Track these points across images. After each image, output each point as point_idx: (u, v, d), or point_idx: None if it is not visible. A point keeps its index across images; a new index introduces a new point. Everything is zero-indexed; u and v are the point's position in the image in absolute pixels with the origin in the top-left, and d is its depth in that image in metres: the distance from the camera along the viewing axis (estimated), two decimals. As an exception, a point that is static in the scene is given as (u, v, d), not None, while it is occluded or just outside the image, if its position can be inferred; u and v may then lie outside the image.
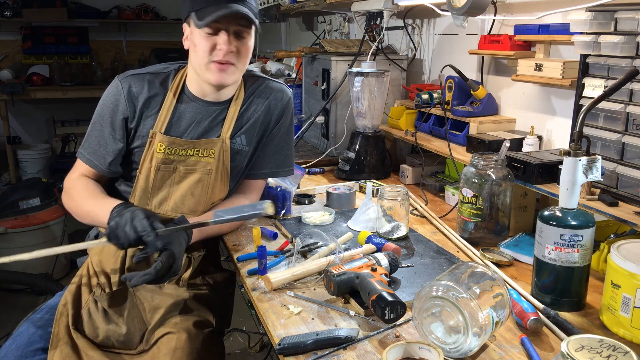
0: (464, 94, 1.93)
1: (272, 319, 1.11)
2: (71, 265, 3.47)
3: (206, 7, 1.33)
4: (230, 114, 1.49)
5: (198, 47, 1.37)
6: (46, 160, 5.20)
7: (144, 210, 1.24)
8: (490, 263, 1.33)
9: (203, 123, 1.47)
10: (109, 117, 1.45)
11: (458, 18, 1.65)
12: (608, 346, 0.86)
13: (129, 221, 1.21)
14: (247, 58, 1.43)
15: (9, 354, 1.32)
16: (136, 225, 1.20)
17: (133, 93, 1.44)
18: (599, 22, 1.37)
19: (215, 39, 1.36)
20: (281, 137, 1.58)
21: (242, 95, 1.52)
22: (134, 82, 1.45)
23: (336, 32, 3.28)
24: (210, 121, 1.48)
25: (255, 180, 1.59)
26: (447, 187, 1.87)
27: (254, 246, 1.44)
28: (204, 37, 1.36)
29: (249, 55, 1.44)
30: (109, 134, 1.45)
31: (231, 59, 1.38)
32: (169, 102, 1.45)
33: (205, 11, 1.32)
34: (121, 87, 1.44)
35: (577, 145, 1.11)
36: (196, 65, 1.41)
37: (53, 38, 5.57)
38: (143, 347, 1.35)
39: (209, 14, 1.31)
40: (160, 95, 1.46)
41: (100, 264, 1.47)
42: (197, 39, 1.37)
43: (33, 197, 3.27)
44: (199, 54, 1.38)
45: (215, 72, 1.39)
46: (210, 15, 1.31)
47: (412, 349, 0.97)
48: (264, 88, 1.55)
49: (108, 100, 1.46)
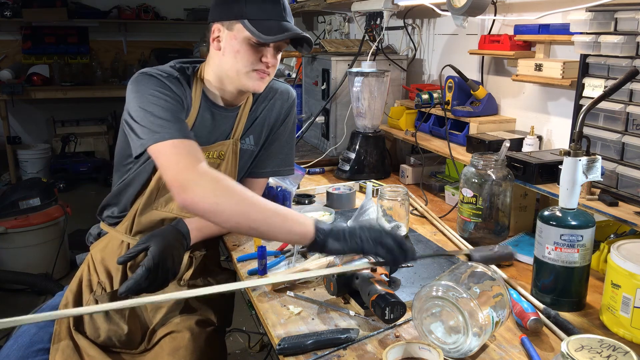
0: (464, 94, 1.93)
1: (272, 319, 1.11)
2: (71, 265, 3.48)
3: (266, 19, 1.32)
4: (240, 118, 1.50)
5: (242, 55, 1.34)
6: (46, 160, 5.21)
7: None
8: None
9: (217, 129, 1.46)
10: (170, 94, 1.31)
11: (458, 18, 1.65)
12: (608, 346, 0.86)
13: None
14: (276, 68, 1.44)
15: (10, 354, 1.32)
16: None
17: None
18: (599, 22, 1.37)
19: (262, 51, 1.35)
20: (285, 137, 1.59)
21: (250, 97, 1.52)
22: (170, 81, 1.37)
23: (336, 32, 3.28)
24: (222, 126, 1.47)
25: (257, 180, 1.59)
26: (447, 187, 1.87)
27: (254, 246, 1.44)
28: (252, 46, 1.33)
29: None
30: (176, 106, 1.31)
31: (270, 70, 1.39)
32: (194, 109, 1.41)
33: (268, 24, 1.31)
34: (175, 72, 1.36)
35: (577, 145, 1.11)
36: (231, 70, 1.36)
37: (53, 38, 5.57)
38: (145, 346, 1.35)
39: (275, 30, 1.30)
40: (186, 99, 1.39)
41: (103, 261, 1.47)
42: (242, 47, 1.33)
43: (33, 197, 3.27)
44: (242, 61, 1.34)
45: (256, 80, 1.37)
46: (277, 33, 1.30)
47: (412, 349, 0.97)
48: (269, 89, 1.56)
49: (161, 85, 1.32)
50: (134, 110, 1.27)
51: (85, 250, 1.57)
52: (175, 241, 1.30)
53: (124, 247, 1.46)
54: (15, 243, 3.18)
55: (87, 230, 1.59)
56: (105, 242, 1.51)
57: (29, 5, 5.22)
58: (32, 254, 3.23)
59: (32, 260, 3.22)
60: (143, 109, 1.26)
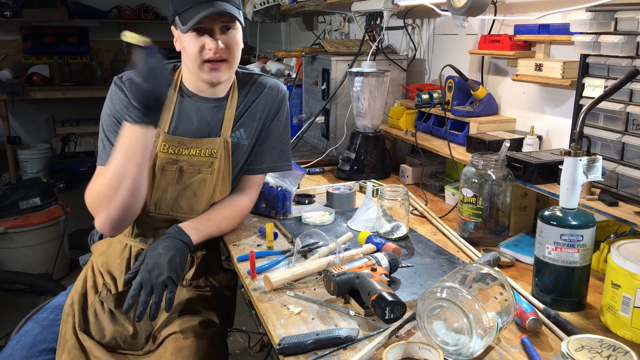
0: (464, 94, 1.93)
1: (272, 319, 1.11)
2: (71, 265, 3.48)
3: (187, 9, 1.33)
4: (228, 113, 1.50)
5: (187, 49, 1.39)
6: (46, 160, 5.21)
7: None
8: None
9: (203, 122, 1.47)
10: (117, 121, 1.42)
11: (458, 18, 1.65)
12: (608, 346, 0.86)
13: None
14: (238, 51, 1.43)
15: (14, 353, 1.33)
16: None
17: None
18: (599, 22, 1.36)
19: (203, 39, 1.37)
20: (279, 132, 1.59)
21: (236, 93, 1.53)
22: None
23: (336, 32, 3.28)
24: (210, 120, 1.48)
25: (254, 176, 1.59)
26: (447, 187, 1.87)
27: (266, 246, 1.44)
28: (191, 39, 1.37)
29: (240, 48, 1.44)
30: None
31: (222, 55, 1.39)
32: (169, 101, 1.45)
33: (187, 14, 1.33)
34: (124, 87, 1.43)
35: (577, 145, 1.11)
36: (189, 66, 1.42)
37: (53, 38, 5.58)
38: (149, 347, 1.35)
39: (191, 17, 1.32)
40: None
41: (105, 264, 1.47)
42: (185, 42, 1.38)
43: (33, 197, 3.27)
44: (190, 56, 1.39)
45: (208, 72, 1.40)
46: (191, 18, 1.32)
47: (412, 349, 0.97)
48: (258, 84, 1.56)
49: (115, 100, 1.44)
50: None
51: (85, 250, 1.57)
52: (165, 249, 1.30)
53: (127, 250, 1.47)
54: (15, 243, 3.18)
55: (87, 230, 1.59)
56: (107, 244, 1.52)
57: (29, 5, 5.23)
58: (32, 254, 3.23)
59: (32, 260, 3.23)
60: (102, 128, 1.44)
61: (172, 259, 1.28)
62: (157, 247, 1.31)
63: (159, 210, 1.46)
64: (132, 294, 1.23)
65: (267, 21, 3.74)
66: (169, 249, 1.30)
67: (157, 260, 1.27)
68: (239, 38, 1.43)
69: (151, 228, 1.48)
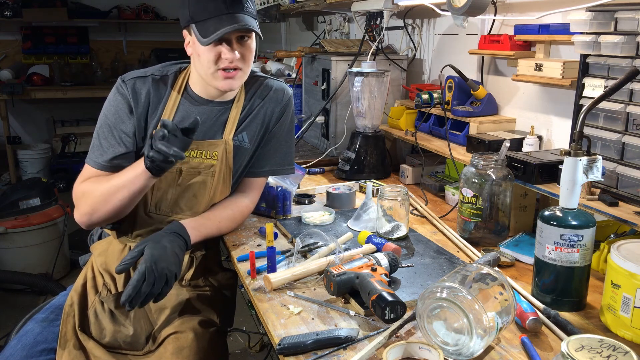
0: (464, 94, 1.93)
1: (272, 319, 1.11)
2: (71, 265, 3.48)
3: (207, 19, 1.32)
4: (232, 115, 1.49)
5: (202, 57, 1.36)
6: (46, 160, 5.21)
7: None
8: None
9: (206, 124, 1.47)
10: (115, 122, 1.41)
11: (458, 18, 1.65)
12: (608, 346, 0.86)
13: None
14: (251, 60, 1.43)
15: (15, 353, 1.33)
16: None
17: (137, 95, 1.42)
18: (599, 22, 1.36)
19: (219, 49, 1.35)
20: (282, 135, 1.58)
21: (243, 95, 1.52)
22: (138, 83, 1.43)
23: (336, 32, 3.28)
24: (213, 122, 1.48)
25: (256, 179, 1.59)
26: (447, 187, 1.87)
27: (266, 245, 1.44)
28: (208, 48, 1.35)
29: (253, 56, 1.44)
30: (118, 138, 1.41)
31: (238, 64, 1.38)
32: (172, 103, 1.45)
33: (207, 25, 1.32)
34: (125, 90, 1.42)
35: (577, 145, 1.11)
36: (202, 73, 1.40)
37: (53, 38, 5.58)
38: (150, 347, 1.35)
39: (211, 30, 1.30)
40: (165, 96, 1.45)
41: (105, 264, 1.47)
42: (201, 50, 1.36)
43: (33, 197, 3.27)
44: (204, 64, 1.37)
45: (222, 80, 1.39)
46: (212, 32, 1.30)
47: (412, 349, 0.97)
48: (264, 87, 1.55)
49: (113, 103, 1.43)
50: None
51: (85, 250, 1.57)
52: (170, 243, 1.29)
53: (127, 250, 1.47)
54: (15, 243, 3.18)
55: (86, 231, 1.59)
56: (106, 244, 1.52)
57: (29, 5, 5.22)
58: (32, 254, 3.23)
59: (32, 260, 3.23)
60: (98, 127, 1.45)
61: (177, 254, 1.28)
62: (162, 240, 1.28)
63: (159, 211, 1.46)
64: (135, 284, 1.17)
65: (267, 21, 3.74)
66: (173, 244, 1.29)
67: (162, 252, 1.24)
68: (253, 47, 1.43)
69: (151, 229, 1.48)
